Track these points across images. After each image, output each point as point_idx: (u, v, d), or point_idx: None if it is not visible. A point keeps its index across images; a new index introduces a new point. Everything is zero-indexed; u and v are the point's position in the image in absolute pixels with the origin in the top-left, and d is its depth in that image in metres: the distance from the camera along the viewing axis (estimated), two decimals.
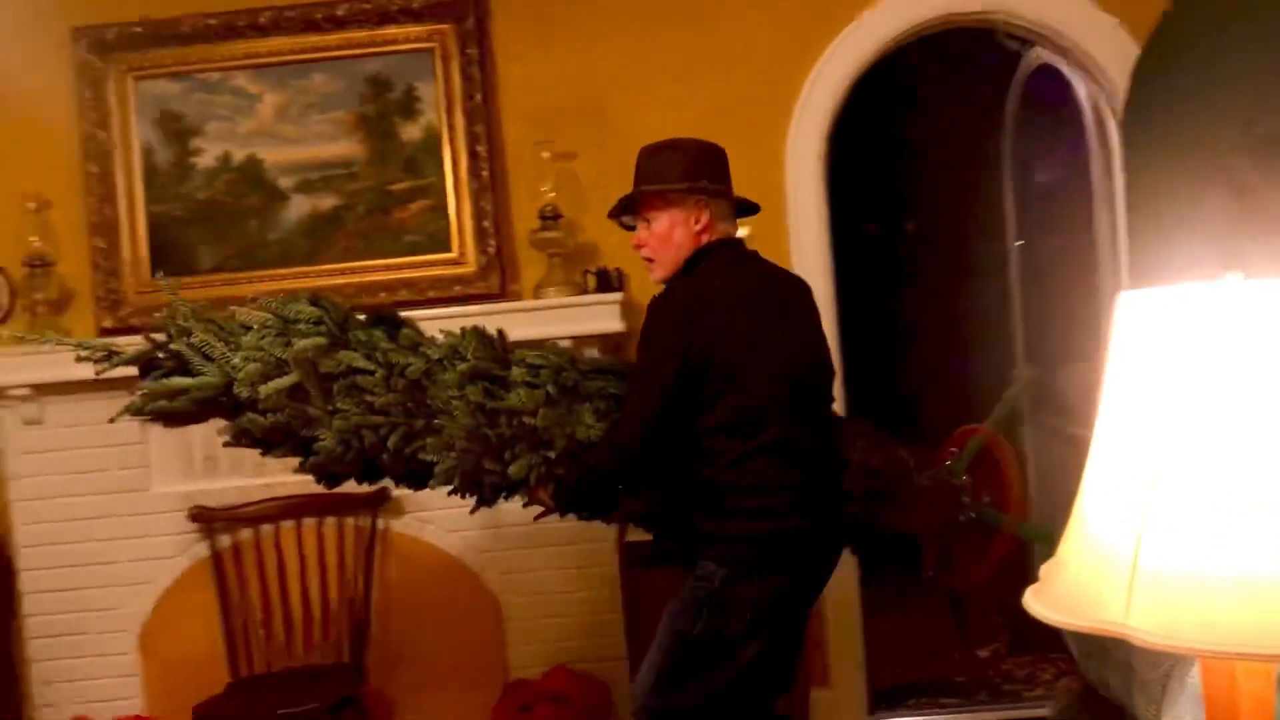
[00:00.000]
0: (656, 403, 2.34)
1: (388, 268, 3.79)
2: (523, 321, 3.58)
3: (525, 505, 2.61)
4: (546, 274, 3.75)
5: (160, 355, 2.55)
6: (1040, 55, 4.27)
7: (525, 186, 3.82)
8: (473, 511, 2.59)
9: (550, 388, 2.45)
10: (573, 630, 3.72)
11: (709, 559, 2.39)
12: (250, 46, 3.81)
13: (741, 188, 3.83)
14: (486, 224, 3.76)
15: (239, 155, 3.83)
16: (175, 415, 2.53)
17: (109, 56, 3.81)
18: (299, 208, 3.82)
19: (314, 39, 3.80)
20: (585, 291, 3.74)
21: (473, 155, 3.76)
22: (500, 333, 2.63)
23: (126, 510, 3.74)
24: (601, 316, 3.64)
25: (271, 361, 2.45)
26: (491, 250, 3.77)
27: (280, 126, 3.83)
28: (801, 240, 3.88)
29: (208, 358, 2.48)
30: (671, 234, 2.48)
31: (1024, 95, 4.60)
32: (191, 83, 3.83)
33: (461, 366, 2.46)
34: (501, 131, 3.84)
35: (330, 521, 3.61)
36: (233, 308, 2.61)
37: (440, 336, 2.62)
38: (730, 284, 2.42)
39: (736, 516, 2.36)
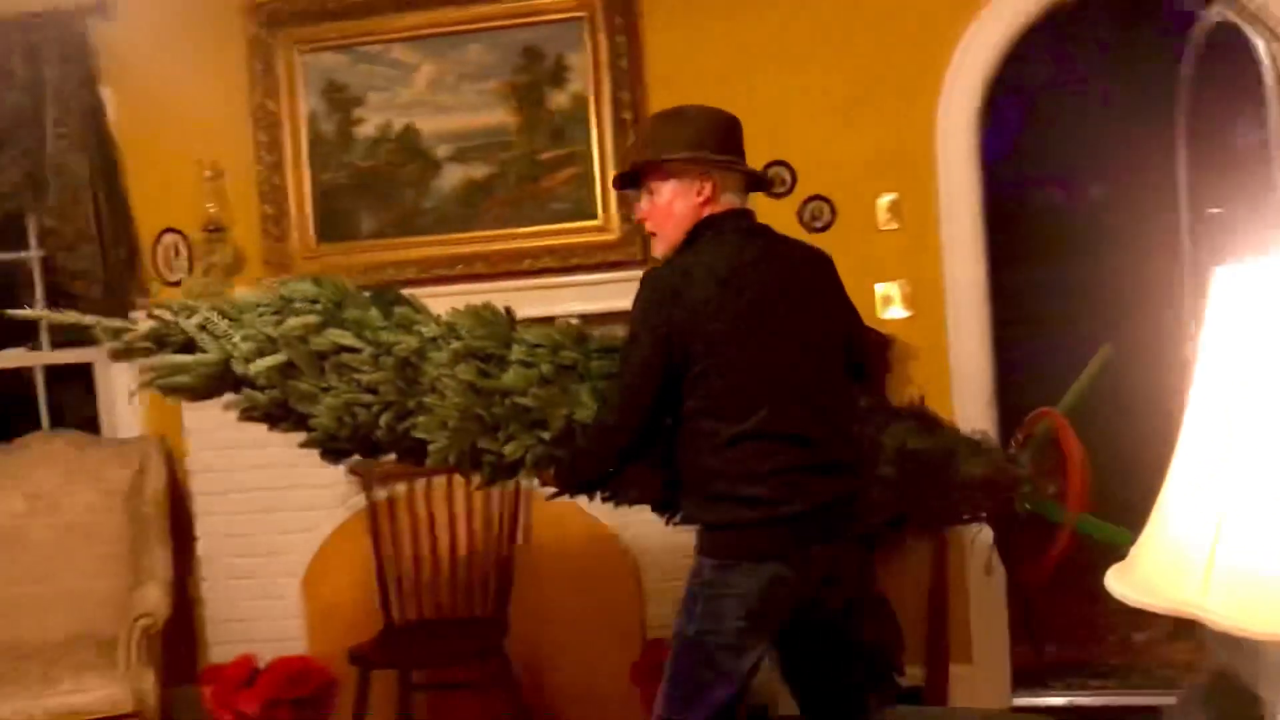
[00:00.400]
0: (640, 381, 2.26)
1: (535, 235, 3.89)
2: None
3: (541, 485, 2.57)
4: None
5: (170, 334, 2.59)
6: (1218, 13, 4.03)
7: None
8: (478, 488, 2.55)
9: (544, 367, 2.39)
10: None
11: (700, 551, 2.31)
12: (409, 19, 3.94)
13: (889, 155, 3.80)
14: (631, 192, 3.80)
15: (398, 125, 3.98)
16: (187, 390, 2.58)
17: (278, 31, 4.00)
18: (453, 176, 3.95)
19: (469, 11, 3.91)
20: None
21: (618, 123, 3.81)
22: (508, 310, 2.58)
23: (291, 462, 3.92)
24: None
25: (263, 339, 2.48)
26: (634, 218, 3.81)
27: (437, 96, 3.96)
28: (953, 208, 3.80)
29: (215, 336, 2.52)
30: (672, 206, 2.36)
31: (1201, 56, 4.35)
32: (354, 55, 4.00)
33: (455, 345, 2.42)
34: (647, 99, 3.87)
35: None
36: (239, 288, 2.66)
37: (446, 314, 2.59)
38: (724, 258, 2.29)
39: (724, 503, 2.25)
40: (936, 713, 2.34)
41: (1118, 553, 1.01)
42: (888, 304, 3.87)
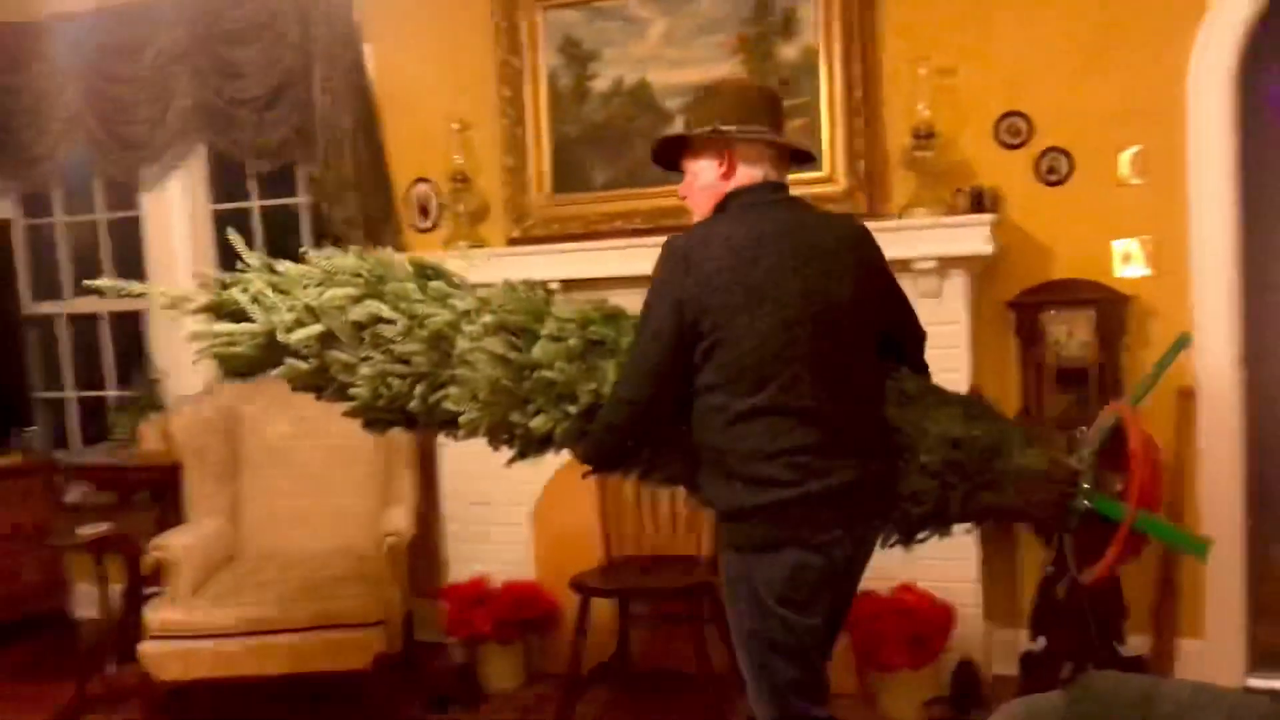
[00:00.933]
0: (654, 352, 2.24)
1: None
2: (887, 242, 3.49)
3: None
4: (916, 193, 3.72)
5: (226, 306, 2.67)
6: None
7: (899, 104, 3.80)
8: (509, 464, 2.52)
9: (572, 341, 2.37)
10: (924, 549, 3.74)
11: (724, 545, 2.27)
12: None
13: (1134, 106, 3.63)
14: (858, 143, 3.79)
15: (630, 79, 4.11)
16: (242, 360, 2.64)
17: None
18: (682, 128, 4.03)
19: None
20: (956, 212, 3.68)
21: (848, 74, 3.79)
22: (544, 285, 2.58)
23: None
24: (970, 238, 3.55)
25: (303, 310, 2.54)
26: (861, 169, 3.79)
27: (667, 50, 4.05)
28: (1203, 163, 3.59)
29: (266, 308, 2.59)
30: (700, 180, 2.37)
31: None
32: (591, 11, 4.14)
33: (486, 319, 2.43)
34: (878, 48, 3.83)
35: None
36: (284, 264, 2.68)
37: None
38: (742, 228, 2.25)
39: (735, 483, 2.21)
40: (1142, 680, 2.22)
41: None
42: (1127, 261, 3.71)
